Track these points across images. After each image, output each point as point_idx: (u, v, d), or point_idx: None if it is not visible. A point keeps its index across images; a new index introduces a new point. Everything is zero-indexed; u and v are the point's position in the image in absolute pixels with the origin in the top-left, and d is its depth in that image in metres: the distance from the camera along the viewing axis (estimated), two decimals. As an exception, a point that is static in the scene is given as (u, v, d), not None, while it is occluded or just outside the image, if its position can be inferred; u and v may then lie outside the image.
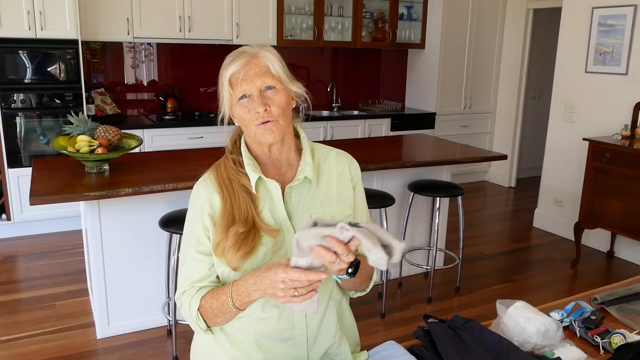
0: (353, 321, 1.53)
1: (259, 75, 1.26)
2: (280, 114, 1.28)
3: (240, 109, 1.28)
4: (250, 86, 1.26)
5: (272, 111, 1.27)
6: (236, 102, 1.28)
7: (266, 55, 1.28)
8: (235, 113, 1.31)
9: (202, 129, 4.77)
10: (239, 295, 1.21)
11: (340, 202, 1.39)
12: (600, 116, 4.35)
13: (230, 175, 1.33)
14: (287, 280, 1.10)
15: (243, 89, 1.26)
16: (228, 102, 1.30)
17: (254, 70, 1.26)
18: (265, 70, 1.27)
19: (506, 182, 6.35)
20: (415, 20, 6.00)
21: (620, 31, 4.16)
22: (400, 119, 5.74)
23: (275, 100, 1.27)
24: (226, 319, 1.29)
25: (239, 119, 1.31)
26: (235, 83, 1.26)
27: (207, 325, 1.32)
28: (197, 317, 1.30)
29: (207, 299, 1.28)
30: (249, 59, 1.27)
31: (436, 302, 3.47)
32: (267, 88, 1.27)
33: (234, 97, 1.28)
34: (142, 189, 2.56)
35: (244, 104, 1.28)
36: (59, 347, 2.84)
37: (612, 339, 1.45)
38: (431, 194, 3.43)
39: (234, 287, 1.23)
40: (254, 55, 1.28)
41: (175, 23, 4.73)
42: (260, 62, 1.27)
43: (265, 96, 1.27)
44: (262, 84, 1.26)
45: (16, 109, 4.12)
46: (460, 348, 1.35)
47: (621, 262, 4.23)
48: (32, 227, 4.40)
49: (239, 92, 1.27)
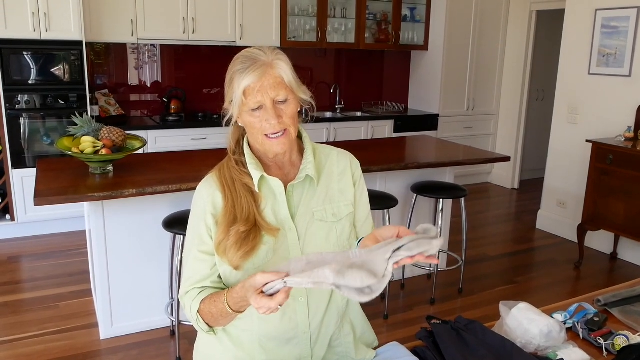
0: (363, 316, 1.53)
1: (273, 87, 1.26)
2: (292, 124, 1.30)
3: (252, 118, 1.29)
4: (264, 97, 1.26)
5: (285, 122, 1.28)
6: (247, 110, 1.28)
7: (279, 64, 1.28)
8: (244, 120, 1.32)
9: (205, 130, 4.78)
10: (234, 302, 1.23)
11: (341, 200, 1.40)
12: (604, 118, 4.35)
13: (233, 175, 1.34)
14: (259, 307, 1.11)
15: (257, 100, 1.26)
16: (238, 108, 1.30)
17: (269, 82, 1.26)
18: (280, 81, 1.27)
19: (509, 184, 6.35)
20: (418, 22, 6.00)
21: (624, 33, 4.16)
22: (403, 121, 5.75)
23: (287, 112, 1.29)
24: (228, 320, 1.30)
25: (248, 125, 1.32)
26: (250, 94, 1.26)
27: (209, 326, 1.33)
28: (197, 319, 1.31)
29: (206, 303, 1.29)
30: (264, 70, 1.26)
31: (439, 303, 3.47)
32: (280, 101, 1.28)
33: (245, 106, 1.28)
34: (146, 190, 2.57)
35: (256, 114, 1.28)
36: (63, 348, 2.85)
37: (615, 340, 1.45)
38: (434, 196, 3.43)
39: (228, 295, 1.24)
40: (268, 65, 1.27)
41: (179, 24, 4.75)
42: (275, 72, 1.27)
43: (277, 107, 1.28)
44: (276, 95, 1.27)
45: (20, 110, 4.13)
46: (464, 349, 1.35)
47: (624, 263, 4.23)
48: (36, 228, 4.42)
49: (252, 104, 1.27)
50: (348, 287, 1.03)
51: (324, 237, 1.35)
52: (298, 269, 1.07)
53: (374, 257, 1.06)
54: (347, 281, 1.02)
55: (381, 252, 1.06)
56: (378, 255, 1.06)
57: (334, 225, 1.36)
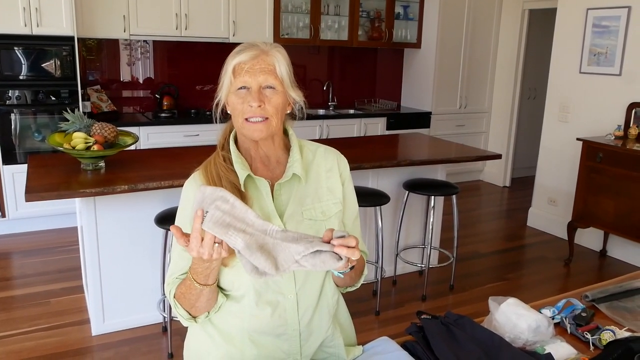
0: (349, 318, 1.54)
1: (263, 72, 1.27)
2: (274, 114, 1.29)
3: (236, 98, 1.29)
4: (252, 79, 1.27)
5: (267, 109, 1.28)
6: (234, 90, 1.29)
7: (276, 55, 1.29)
8: (229, 101, 1.31)
9: (198, 126, 4.78)
10: (197, 274, 1.22)
11: (330, 198, 1.40)
12: (594, 116, 4.38)
13: (220, 172, 1.33)
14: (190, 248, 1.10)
15: (244, 80, 1.27)
16: (227, 89, 1.30)
17: (260, 66, 1.27)
18: (271, 69, 1.28)
19: (501, 182, 6.39)
20: (411, 19, 6.01)
21: (615, 32, 4.19)
22: (396, 118, 5.76)
23: (272, 100, 1.28)
24: (200, 301, 1.27)
25: (232, 108, 1.32)
26: (239, 73, 1.27)
27: (190, 315, 1.32)
28: (175, 305, 1.32)
29: (179, 286, 1.30)
30: (258, 54, 1.28)
31: (430, 300, 3.49)
32: (267, 87, 1.28)
33: (233, 85, 1.28)
34: (138, 186, 2.57)
35: (241, 94, 1.28)
36: (54, 344, 2.84)
37: (602, 335, 1.47)
38: (426, 193, 3.45)
39: (191, 268, 1.24)
40: (264, 51, 1.28)
41: (172, 21, 4.73)
42: (269, 59, 1.28)
43: (262, 93, 1.28)
44: (264, 81, 1.27)
45: (11, 106, 4.11)
46: (453, 344, 1.36)
47: (613, 261, 4.27)
48: (27, 224, 4.40)
49: (239, 82, 1.28)
50: (248, 260, 1.05)
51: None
52: (217, 216, 1.05)
53: (286, 249, 1.06)
54: (250, 257, 1.05)
55: (294, 249, 1.06)
56: (290, 249, 1.06)
57: (323, 223, 1.36)
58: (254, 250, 1.05)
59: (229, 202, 1.07)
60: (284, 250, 1.06)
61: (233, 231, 1.05)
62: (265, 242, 1.06)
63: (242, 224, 1.06)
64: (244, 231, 1.06)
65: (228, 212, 1.06)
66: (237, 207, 1.07)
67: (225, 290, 1.35)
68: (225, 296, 1.34)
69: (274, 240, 1.07)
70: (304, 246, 1.06)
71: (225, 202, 1.07)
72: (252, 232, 1.06)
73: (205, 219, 1.06)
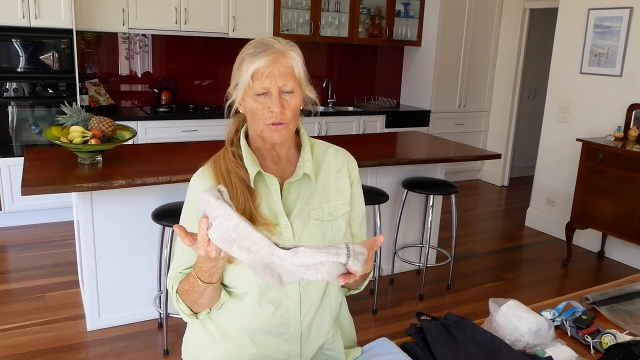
0: (351, 321, 1.53)
1: (282, 76, 1.24)
2: (292, 118, 1.28)
3: (255, 103, 1.26)
4: (271, 84, 1.24)
5: (286, 114, 1.26)
6: (252, 94, 1.26)
7: (293, 56, 1.27)
8: (246, 104, 1.29)
9: (196, 121, 4.75)
10: (202, 272, 1.21)
11: (338, 199, 1.39)
12: (594, 117, 4.37)
13: (229, 167, 1.32)
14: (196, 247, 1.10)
15: (265, 86, 1.24)
16: (243, 91, 1.27)
17: (279, 70, 1.24)
18: (290, 72, 1.26)
19: (499, 181, 6.38)
20: (411, 17, 5.99)
21: (616, 33, 4.18)
22: (395, 116, 5.75)
23: (291, 104, 1.27)
24: (203, 298, 1.27)
25: (250, 111, 1.29)
26: (257, 77, 1.24)
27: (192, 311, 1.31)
28: (177, 300, 1.31)
29: (182, 282, 1.29)
30: (276, 57, 1.24)
31: (428, 299, 3.48)
32: (286, 91, 1.26)
33: (251, 89, 1.25)
34: (135, 181, 2.55)
35: (260, 100, 1.26)
36: (49, 339, 2.83)
37: (603, 339, 1.46)
38: (425, 192, 3.44)
39: (196, 266, 1.22)
40: (281, 53, 1.25)
41: (171, 15, 4.70)
42: (287, 62, 1.25)
43: (282, 97, 1.26)
44: (284, 85, 1.25)
45: (8, 98, 4.08)
46: (453, 346, 1.35)
47: (611, 262, 4.27)
48: (23, 218, 4.37)
49: (259, 88, 1.24)
50: (253, 272, 1.07)
51: (319, 235, 1.34)
52: (222, 231, 1.03)
53: (294, 271, 1.04)
54: (255, 273, 1.06)
55: (302, 272, 1.03)
56: (299, 272, 1.04)
57: (330, 224, 1.35)
58: (259, 270, 1.05)
59: (232, 220, 1.04)
60: (291, 272, 1.05)
61: (236, 248, 1.03)
62: (272, 262, 1.05)
63: (248, 242, 1.04)
64: (248, 249, 1.04)
65: (232, 229, 1.04)
66: (241, 226, 1.04)
67: (228, 287, 1.34)
68: (228, 293, 1.33)
69: (281, 263, 1.04)
70: (313, 271, 1.03)
71: (229, 220, 1.04)
72: (257, 251, 1.04)
73: (210, 230, 1.04)
